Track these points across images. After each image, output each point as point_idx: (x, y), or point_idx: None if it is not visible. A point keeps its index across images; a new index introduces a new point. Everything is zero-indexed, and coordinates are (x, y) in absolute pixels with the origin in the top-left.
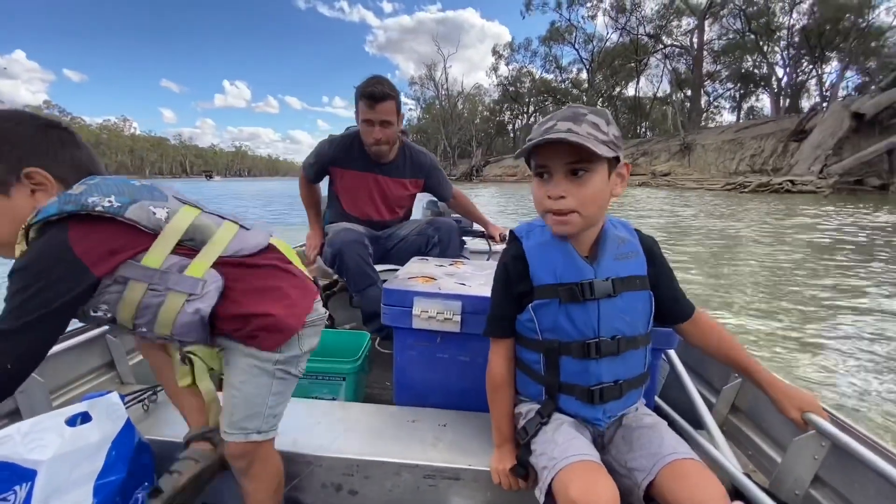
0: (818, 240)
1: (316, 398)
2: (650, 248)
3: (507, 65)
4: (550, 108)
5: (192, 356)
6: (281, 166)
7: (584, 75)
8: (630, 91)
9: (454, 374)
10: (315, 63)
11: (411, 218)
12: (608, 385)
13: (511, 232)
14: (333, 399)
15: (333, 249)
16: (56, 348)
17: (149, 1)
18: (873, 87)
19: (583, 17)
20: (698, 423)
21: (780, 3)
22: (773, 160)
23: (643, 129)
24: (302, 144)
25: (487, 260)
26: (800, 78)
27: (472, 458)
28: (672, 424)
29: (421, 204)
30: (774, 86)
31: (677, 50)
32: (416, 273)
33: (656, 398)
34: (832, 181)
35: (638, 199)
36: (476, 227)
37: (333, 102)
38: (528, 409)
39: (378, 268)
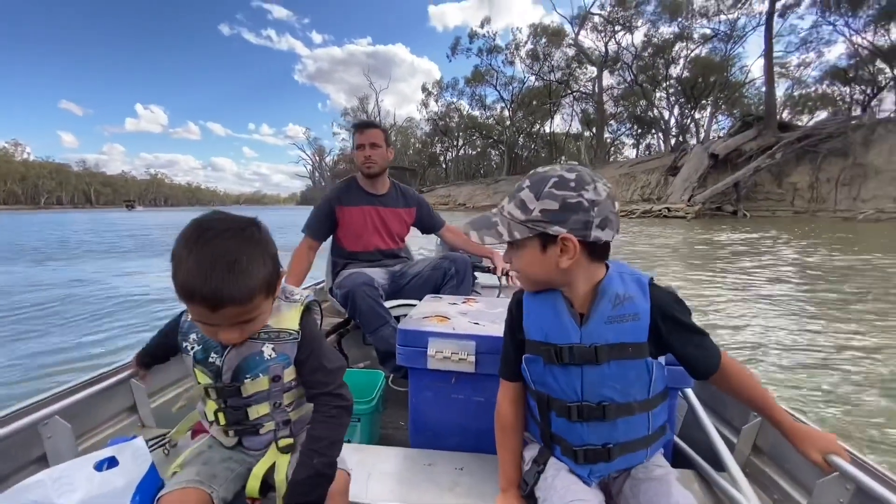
0: (678, 248)
1: None
2: (663, 310)
3: (436, 101)
4: (478, 143)
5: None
6: (203, 195)
7: (506, 113)
8: (547, 128)
9: (470, 416)
10: (240, 89)
11: (412, 255)
12: (594, 448)
13: None
14: (349, 441)
15: (344, 291)
16: (83, 392)
17: (43, 12)
18: (724, 132)
19: (502, 63)
20: (719, 465)
21: (662, 59)
22: (657, 191)
23: (560, 160)
24: (225, 172)
25: (498, 296)
26: (684, 120)
27: (490, 502)
28: (692, 467)
29: (433, 241)
30: (663, 126)
31: (584, 94)
32: (430, 312)
33: (676, 438)
34: (696, 208)
35: None
36: (484, 262)
37: (261, 130)
38: (529, 455)
39: (394, 303)
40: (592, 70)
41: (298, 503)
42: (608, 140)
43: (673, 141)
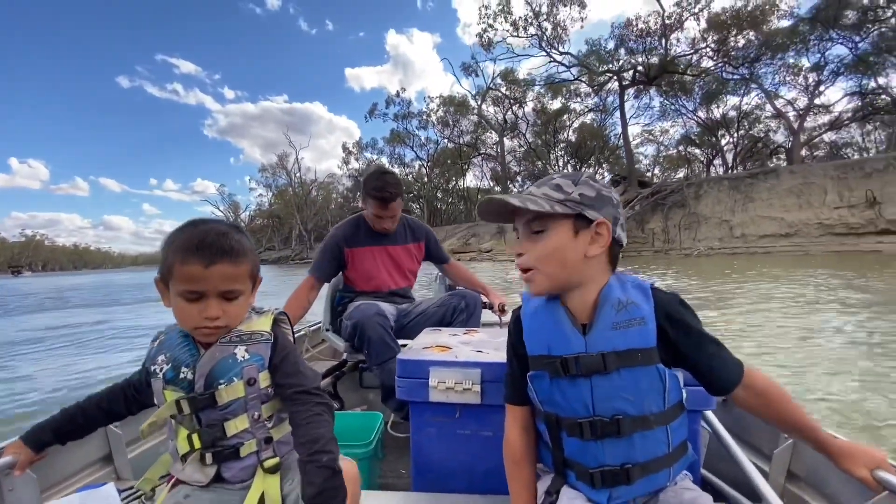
0: None
1: None
2: (668, 312)
3: (356, 160)
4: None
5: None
6: (93, 257)
7: (424, 170)
8: (462, 184)
9: (477, 453)
10: (141, 143)
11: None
12: (612, 469)
13: (523, 295)
14: None
15: (353, 322)
16: None
17: None
18: None
19: (416, 127)
20: (753, 495)
21: (552, 127)
22: None
23: (476, 216)
24: (121, 231)
25: (501, 328)
26: None
27: None
28: (724, 499)
29: (434, 279)
30: None
31: (490, 155)
32: (430, 343)
33: (702, 470)
34: None
35: (475, 269)
36: (484, 299)
37: (164, 185)
38: (542, 488)
39: (399, 342)
40: (495, 135)
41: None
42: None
43: None
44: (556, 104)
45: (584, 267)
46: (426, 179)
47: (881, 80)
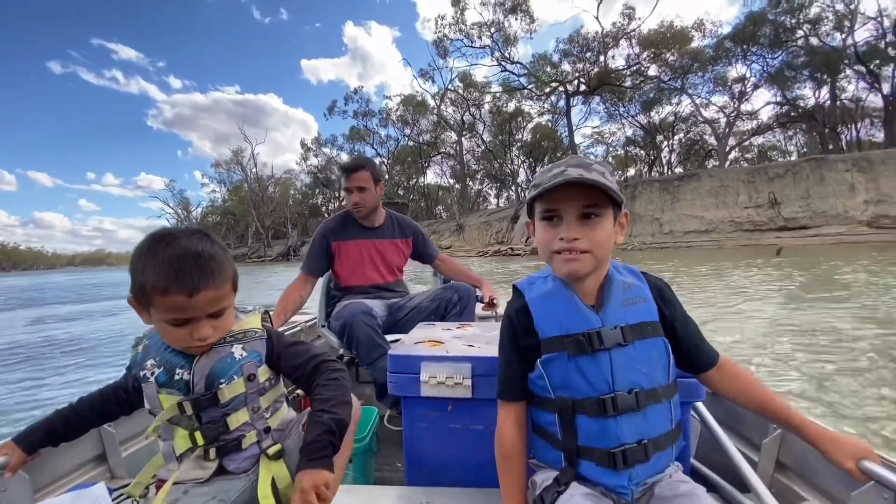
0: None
1: None
2: (661, 292)
3: (315, 156)
4: None
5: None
6: (23, 257)
7: (384, 168)
8: (423, 181)
9: (469, 447)
10: (76, 134)
11: (408, 289)
12: (631, 446)
13: (514, 286)
14: (340, 483)
15: (340, 322)
16: None
17: None
18: None
19: (377, 124)
20: (743, 485)
21: (508, 128)
22: (507, 235)
23: (438, 212)
24: (54, 229)
25: (496, 321)
26: (531, 177)
27: None
28: (715, 490)
29: (433, 273)
30: (512, 182)
31: (449, 154)
32: (423, 338)
33: (693, 460)
34: (531, 247)
35: None
36: (478, 292)
37: (103, 180)
38: (543, 477)
39: (391, 337)
40: (455, 134)
41: (313, 458)
42: (476, 192)
43: (527, 194)
44: (511, 106)
45: (611, 252)
46: (387, 177)
47: (798, 92)
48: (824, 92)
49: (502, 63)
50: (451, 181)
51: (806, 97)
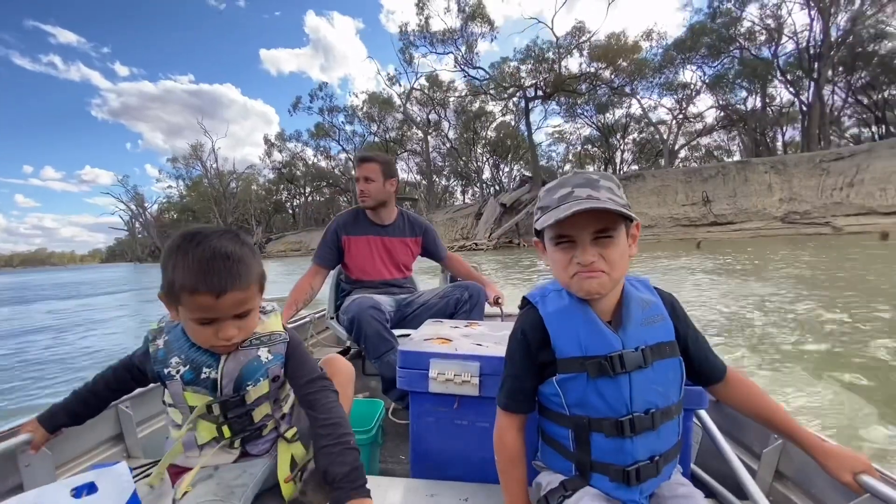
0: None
1: None
2: (673, 307)
3: (280, 152)
4: (326, 192)
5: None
6: None
7: (351, 163)
8: None
9: (474, 443)
10: (8, 124)
11: (418, 286)
12: (644, 463)
13: (524, 298)
14: None
15: (349, 317)
16: None
17: None
18: (513, 186)
19: (343, 121)
20: (741, 493)
21: (473, 127)
22: (471, 231)
23: (405, 208)
24: None
25: (501, 321)
26: (498, 173)
27: None
28: (713, 496)
29: (439, 271)
30: (477, 179)
31: (416, 152)
32: (432, 335)
33: (693, 466)
34: (494, 242)
35: None
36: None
37: (42, 173)
38: (549, 479)
39: (398, 332)
40: (421, 132)
41: (357, 487)
42: (443, 188)
43: (491, 190)
44: (476, 105)
45: (627, 268)
46: (353, 173)
47: (735, 98)
48: (758, 99)
49: (464, 69)
50: (419, 177)
51: (740, 103)
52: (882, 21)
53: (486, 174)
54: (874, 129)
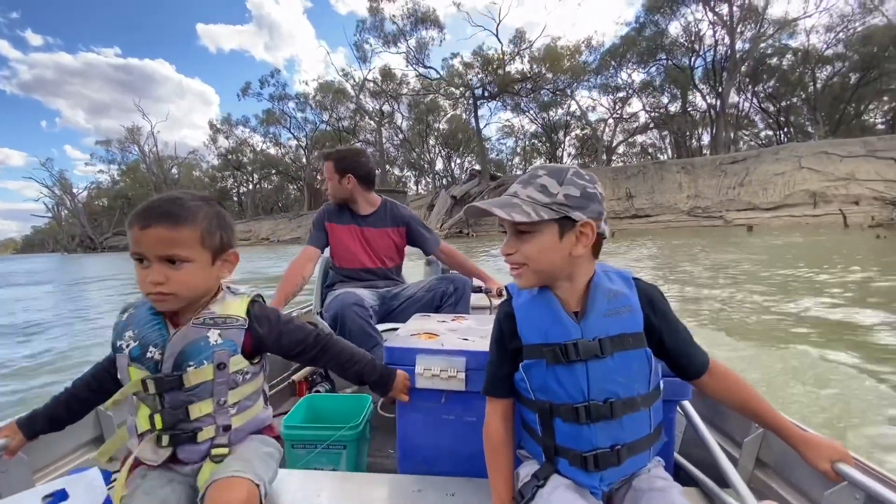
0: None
1: (315, 469)
2: (650, 300)
3: (226, 138)
4: (275, 178)
5: None
6: None
7: (302, 151)
8: None
9: (461, 437)
10: None
11: (406, 279)
12: (604, 451)
13: (506, 288)
14: (334, 470)
15: (332, 313)
16: None
17: None
18: (463, 180)
19: (294, 108)
20: (723, 481)
21: (425, 119)
22: (424, 221)
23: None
24: None
25: (490, 314)
26: (451, 165)
27: None
28: (695, 485)
29: (422, 262)
30: (431, 171)
31: (368, 142)
32: (418, 330)
33: (676, 455)
34: (446, 232)
35: None
36: (475, 282)
37: None
38: (526, 471)
39: (384, 326)
40: (374, 122)
41: (388, 382)
42: (396, 178)
43: (444, 181)
44: (428, 98)
45: (570, 264)
46: (305, 161)
47: (663, 101)
48: (680, 104)
49: (416, 67)
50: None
51: (664, 107)
52: (779, 41)
53: (439, 165)
54: (780, 132)
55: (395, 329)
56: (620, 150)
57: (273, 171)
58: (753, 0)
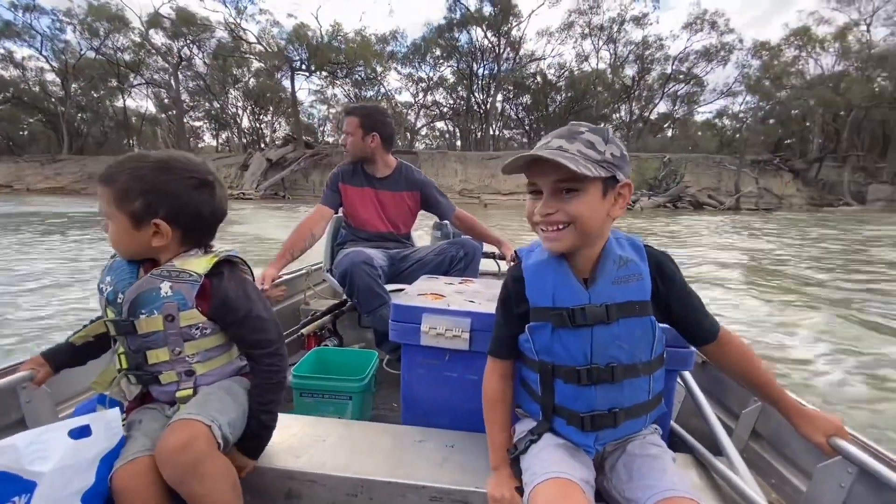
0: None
1: (321, 416)
2: (660, 268)
3: None
4: (5, 107)
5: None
6: None
7: (57, 79)
8: (119, 106)
9: (462, 394)
10: None
11: (416, 243)
12: (601, 413)
13: (515, 252)
14: (339, 418)
15: (342, 270)
16: None
17: None
18: (277, 144)
19: (48, 27)
20: (717, 450)
21: (232, 74)
22: (237, 181)
23: (132, 143)
24: None
25: (498, 279)
26: (258, 124)
27: (481, 480)
28: (690, 452)
29: (430, 228)
30: (236, 127)
31: (159, 83)
32: (426, 290)
33: (673, 423)
34: (261, 193)
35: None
36: (487, 247)
37: None
38: (522, 428)
39: (391, 287)
40: (167, 63)
41: (253, 450)
42: (189, 128)
43: (250, 139)
44: (237, 54)
45: (607, 226)
46: (62, 92)
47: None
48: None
49: (235, 32)
50: (157, 111)
51: (457, 102)
52: (528, 70)
53: (246, 123)
54: (532, 137)
55: (403, 290)
56: (423, 132)
57: (9, 103)
58: (514, 33)
